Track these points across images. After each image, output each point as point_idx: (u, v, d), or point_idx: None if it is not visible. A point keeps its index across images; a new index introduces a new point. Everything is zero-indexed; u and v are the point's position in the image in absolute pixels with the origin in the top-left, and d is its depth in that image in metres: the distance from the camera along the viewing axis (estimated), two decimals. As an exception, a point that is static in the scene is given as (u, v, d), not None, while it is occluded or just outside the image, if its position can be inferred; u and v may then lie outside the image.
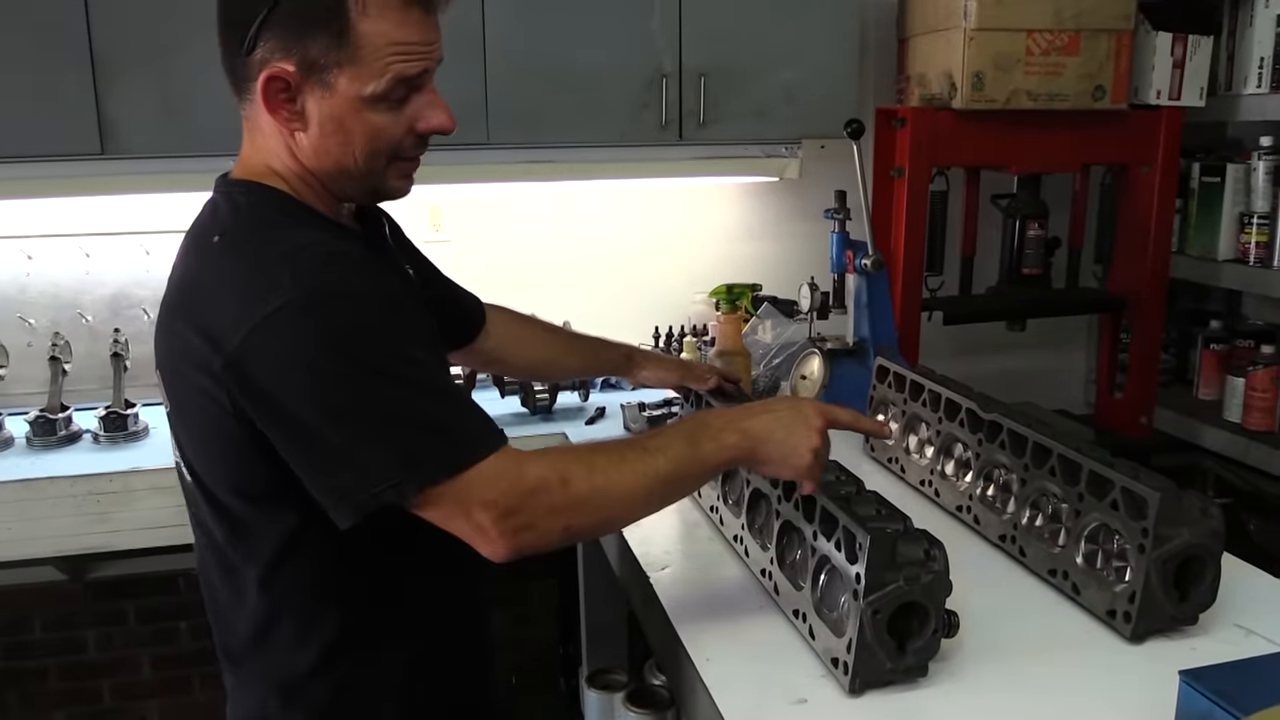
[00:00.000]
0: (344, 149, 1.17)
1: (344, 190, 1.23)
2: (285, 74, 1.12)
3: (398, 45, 1.13)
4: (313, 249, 1.12)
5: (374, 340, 1.08)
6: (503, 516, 1.10)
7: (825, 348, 2.26)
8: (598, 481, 1.15)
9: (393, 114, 1.17)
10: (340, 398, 1.06)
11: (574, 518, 1.15)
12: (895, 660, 1.19)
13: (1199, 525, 1.28)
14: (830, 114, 2.47)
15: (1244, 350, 2.93)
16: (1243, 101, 2.75)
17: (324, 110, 1.14)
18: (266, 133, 1.19)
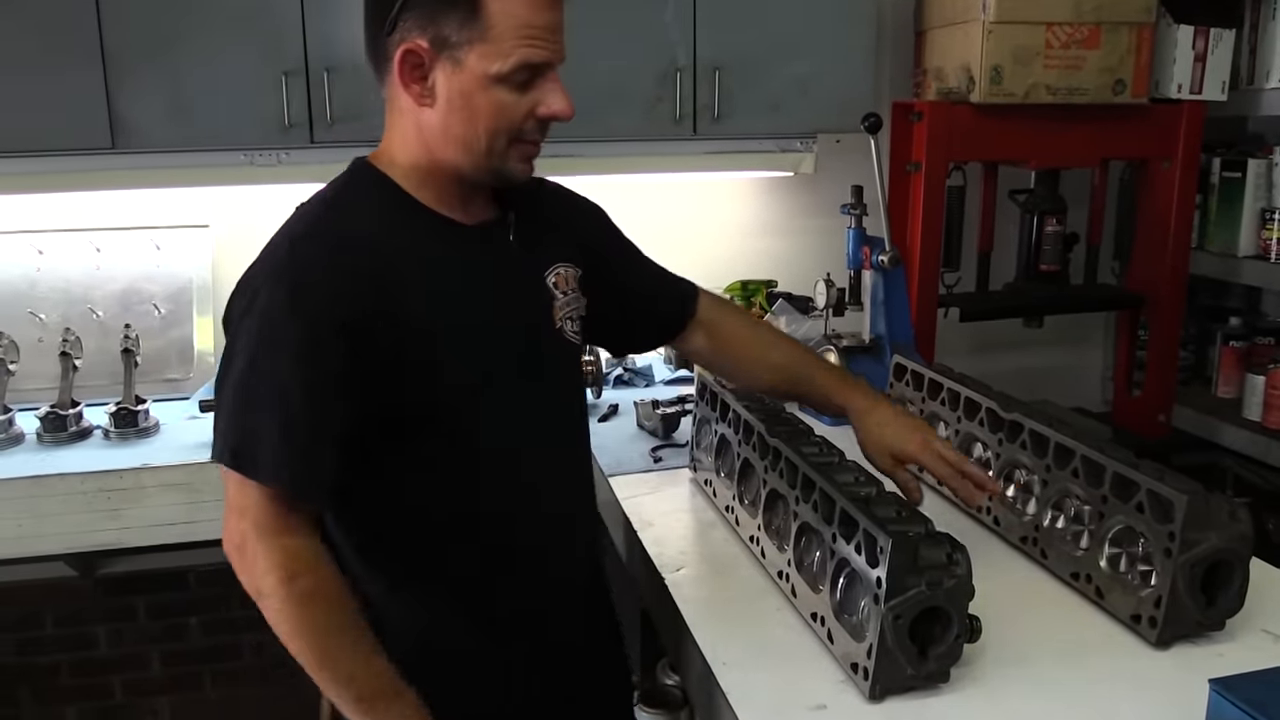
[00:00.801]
0: (468, 125, 1.23)
1: (467, 173, 1.27)
2: (419, 49, 1.20)
3: (525, 28, 1.20)
4: (318, 245, 1.22)
5: (281, 344, 1.17)
6: (241, 536, 1.19)
7: (841, 345, 2.24)
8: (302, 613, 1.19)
9: (516, 95, 1.23)
10: (234, 365, 1.19)
11: (265, 594, 1.19)
12: (917, 666, 1.16)
13: (1227, 529, 1.25)
14: (846, 108, 2.44)
15: (1264, 348, 2.89)
16: (1265, 96, 2.71)
17: (453, 86, 1.22)
18: (401, 113, 1.27)
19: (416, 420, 1.26)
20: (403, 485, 1.28)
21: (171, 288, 2.60)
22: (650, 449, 2.10)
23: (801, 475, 1.40)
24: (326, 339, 1.17)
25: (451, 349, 1.26)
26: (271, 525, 1.18)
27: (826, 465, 1.40)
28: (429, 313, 1.24)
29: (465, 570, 1.33)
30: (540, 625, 1.39)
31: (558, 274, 1.41)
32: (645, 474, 1.98)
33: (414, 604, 1.32)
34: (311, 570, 1.19)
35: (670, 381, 2.65)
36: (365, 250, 1.22)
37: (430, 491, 1.30)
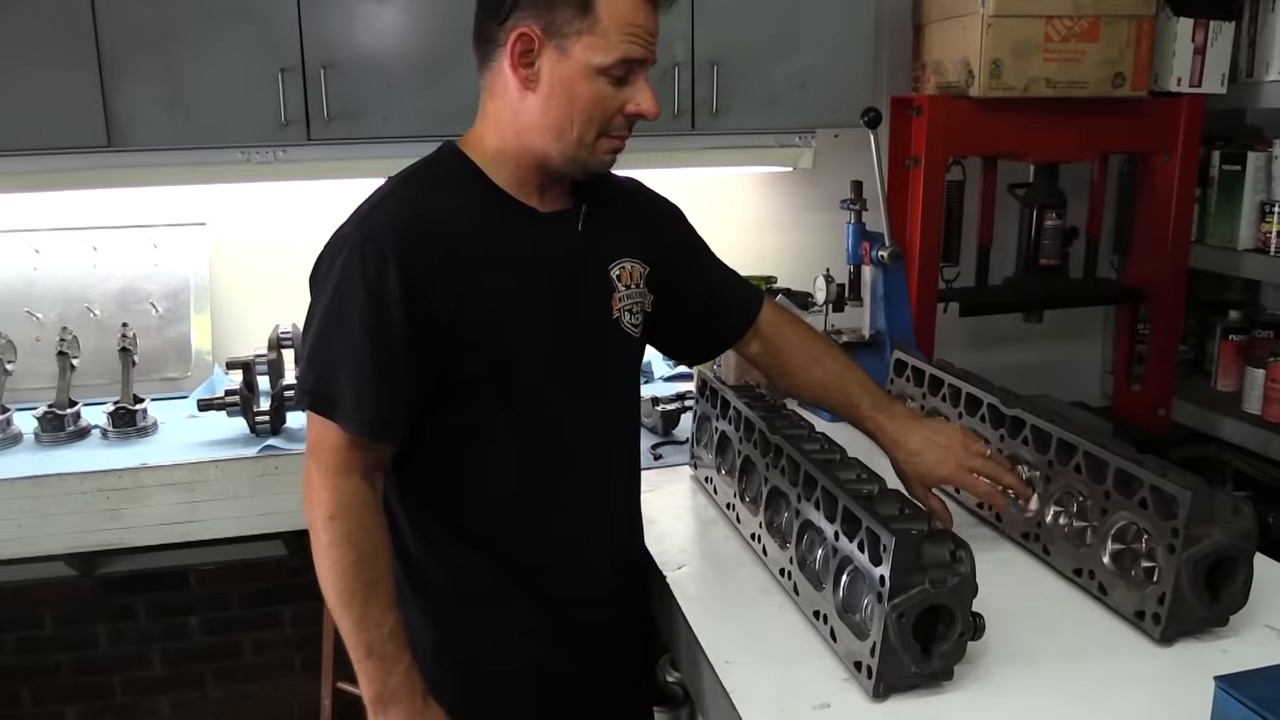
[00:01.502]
0: (564, 111, 1.31)
1: (553, 161, 1.35)
2: (533, 33, 1.29)
3: (629, 26, 1.29)
4: (398, 210, 1.32)
5: (357, 293, 1.26)
6: (312, 468, 1.30)
7: (841, 340, 2.23)
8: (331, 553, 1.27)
9: (612, 89, 1.32)
10: (317, 319, 1.30)
11: (311, 528, 1.29)
12: (920, 664, 1.16)
13: (1231, 525, 1.25)
14: (845, 102, 2.43)
15: (1264, 341, 2.89)
16: (1264, 88, 2.71)
17: (556, 73, 1.30)
18: (499, 97, 1.35)
19: (464, 390, 1.34)
20: (442, 454, 1.37)
21: (169, 286, 2.59)
22: (650, 446, 2.10)
23: (803, 473, 1.39)
24: (393, 298, 1.26)
25: (503, 325, 1.34)
26: (333, 464, 1.27)
27: (828, 462, 1.39)
28: (488, 289, 1.32)
29: (503, 542, 1.42)
30: (570, 601, 1.47)
31: (622, 268, 1.47)
32: (646, 471, 1.94)
33: (450, 567, 1.41)
34: (353, 516, 1.27)
35: (670, 378, 2.64)
36: (436, 224, 1.31)
37: (469, 462, 1.39)
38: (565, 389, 1.41)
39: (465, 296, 1.30)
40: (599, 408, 1.47)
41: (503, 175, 1.37)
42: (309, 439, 1.31)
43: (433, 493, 1.40)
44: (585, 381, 1.44)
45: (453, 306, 1.30)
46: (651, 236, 1.55)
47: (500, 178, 1.37)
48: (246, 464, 2.16)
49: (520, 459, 1.41)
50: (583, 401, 1.44)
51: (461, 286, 1.30)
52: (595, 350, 1.45)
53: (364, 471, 1.29)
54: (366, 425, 1.28)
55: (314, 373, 1.29)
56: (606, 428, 1.50)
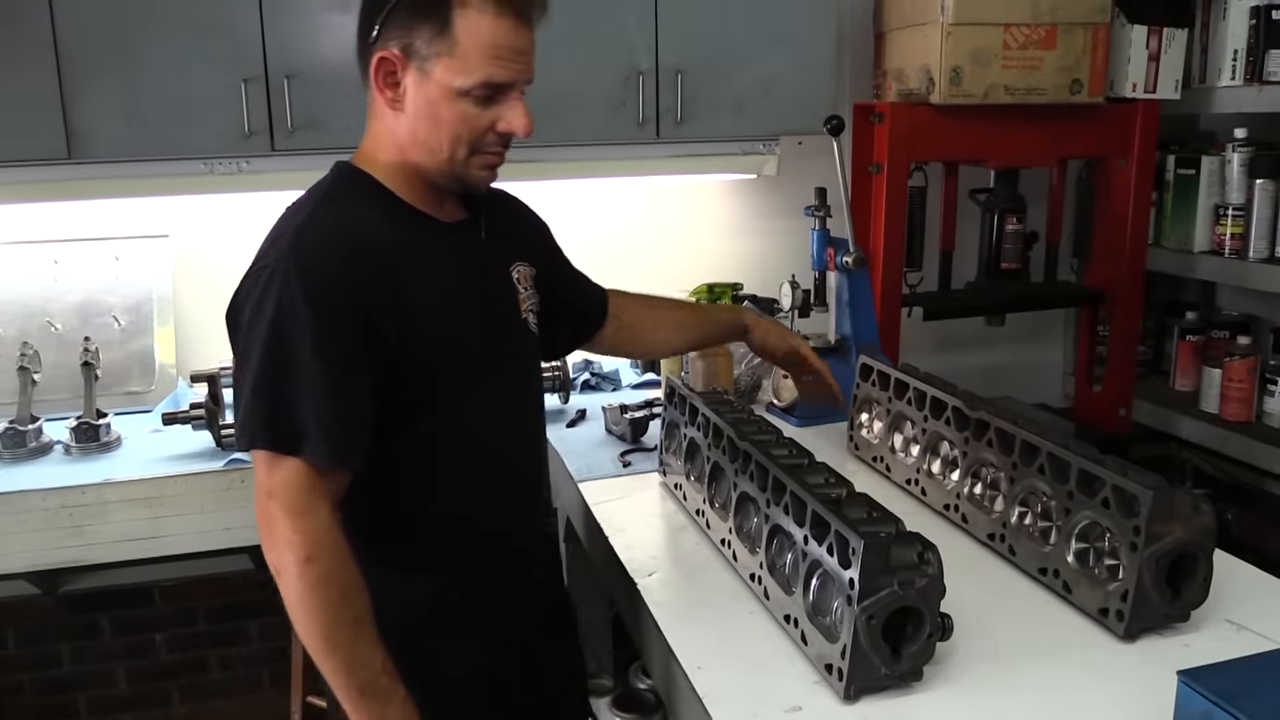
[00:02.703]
0: (432, 132, 1.32)
1: (432, 176, 1.36)
2: (392, 56, 1.29)
3: (491, 48, 1.28)
4: (325, 230, 1.29)
5: (301, 319, 1.22)
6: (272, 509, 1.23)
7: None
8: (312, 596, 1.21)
9: (478, 109, 1.31)
10: (257, 352, 1.24)
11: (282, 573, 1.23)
12: (890, 665, 1.17)
13: (1191, 522, 1.27)
14: (808, 110, 2.46)
15: (1220, 341, 2.95)
16: (1217, 94, 2.76)
17: (420, 94, 1.30)
18: (378, 117, 1.36)
19: (409, 407, 1.33)
20: (381, 473, 1.32)
21: (131, 299, 2.57)
22: (619, 454, 2.10)
23: (772, 478, 1.40)
24: (341, 318, 1.24)
25: (442, 340, 1.35)
26: (300, 503, 1.22)
27: (796, 467, 1.40)
28: (424, 304, 1.32)
29: (446, 555, 1.41)
30: (508, 605, 1.47)
31: (519, 271, 1.52)
32: (615, 479, 1.98)
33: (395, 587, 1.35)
34: (329, 555, 1.23)
35: (637, 385, 2.65)
36: (366, 238, 1.30)
37: (410, 478, 1.37)
38: (497, 396, 1.44)
39: (407, 313, 1.30)
40: (524, 411, 1.53)
41: (404, 190, 1.37)
42: (265, 482, 1.24)
43: (372, 513, 1.35)
44: (512, 387, 1.48)
45: (397, 324, 1.29)
46: (532, 240, 1.62)
47: (403, 192, 1.37)
48: (211, 478, 2.14)
49: (460, 471, 1.40)
50: (511, 407, 1.48)
51: (402, 303, 1.29)
52: (516, 354, 1.49)
53: (331, 504, 1.25)
54: (334, 454, 1.24)
55: (264, 410, 1.23)
56: (533, 430, 1.56)
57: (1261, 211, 2.65)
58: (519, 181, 2.69)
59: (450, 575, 1.42)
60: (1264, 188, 2.64)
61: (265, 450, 1.23)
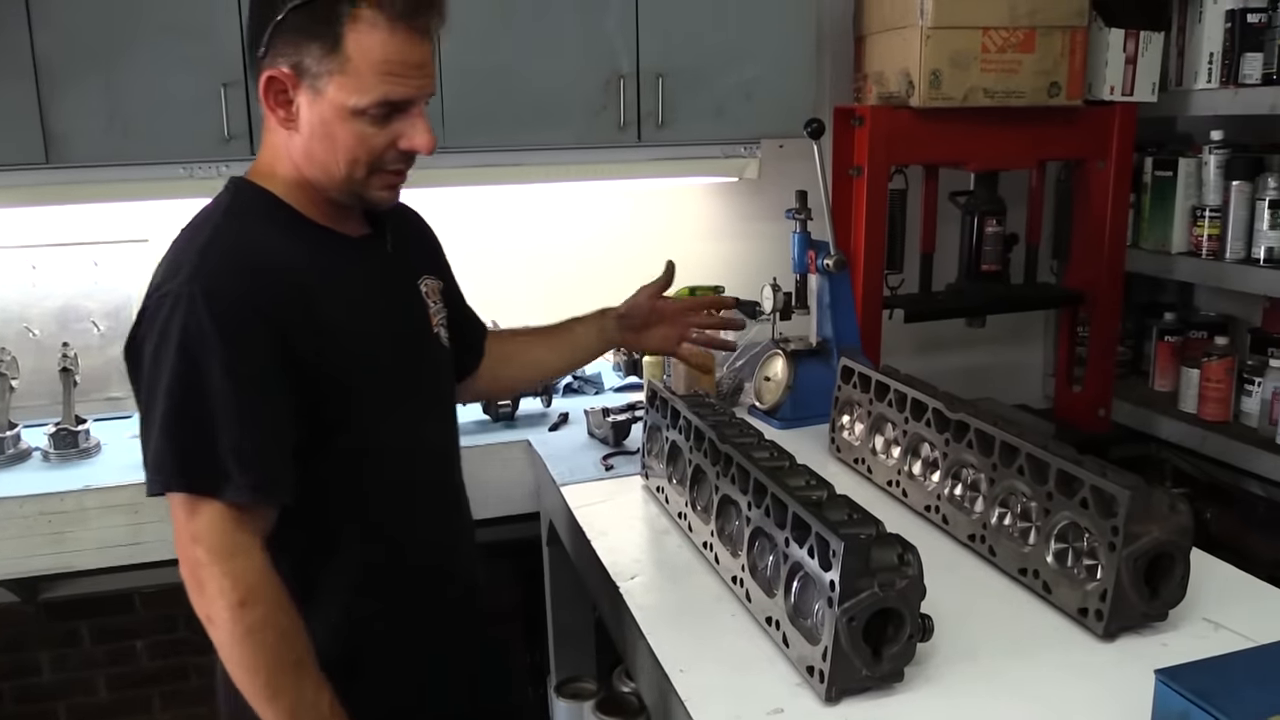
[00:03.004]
0: (328, 153, 1.26)
1: (331, 193, 1.30)
2: (282, 75, 1.23)
3: (385, 64, 1.21)
4: (230, 250, 1.23)
5: (210, 346, 1.16)
6: (198, 556, 1.16)
7: (789, 349, 2.26)
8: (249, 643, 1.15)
9: (375, 127, 1.25)
10: (164, 388, 1.17)
11: (214, 621, 1.16)
12: (871, 667, 1.18)
13: (1168, 522, 1.28)
14: (789, 113, 2.46)
15: (1198, 341, 2.97)
16: (1193, 96, 2.79)
17: (313, 113, 1.24)
18: (272, 132, 1.30)
19: (328, 430, 1.27)
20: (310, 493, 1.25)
21: (110, 305, 2.55)
22: (601, 457, 2.10)
23: (753, 480, 1.41)
24: (253, 339, 1.18)
25: (357, 359, 1.30)
26: (227, 546, 1.16)
27: (778, 470, 1.41)
28: (337, 323, 1.27)
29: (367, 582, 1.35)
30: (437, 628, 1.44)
31: (427, 284, 1.48)
32: (597, 482, 1.98)
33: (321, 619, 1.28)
34: (264, 598, 1.17)
35: (620, 389, 2.65)
36: (270, 256, 1.25)
37: (333, 504, 1.31)
38: (414, 414, 1.40)
39: (320, 332, 1.25)
40: (440, 428, 1.48)
41: (305, 205, 1.31)
42: (186, 527, 1.16)
43: (288, 541, 1.25)
44: (428, 402, 1.44)
45: (311, 343, 1.23)
46: (435, 253, 1.58)
47: (304, 208, 1.31)
48: (193, 483, 2.13)
49: (379, 491, 1.35)
50: (429, 423, 1.44)
51: (314, 322, 1.24)
52: (430, 369, 1.45)
53: (262, 543, 1.19)
54: (259, 490, 1.18)
55: (176, 450, 1.16)
56: (449, 446, 1.51)
57: (1237, 213, 2.67)
58: (497, 186, 2.71)
59: (373, 601, 1.35)
60: (1240, 189, 2.67)
61: (183, 494, 1.16)
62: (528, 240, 2.91)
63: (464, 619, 1.51)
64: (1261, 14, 2.61)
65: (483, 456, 2.25)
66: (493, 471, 2.25)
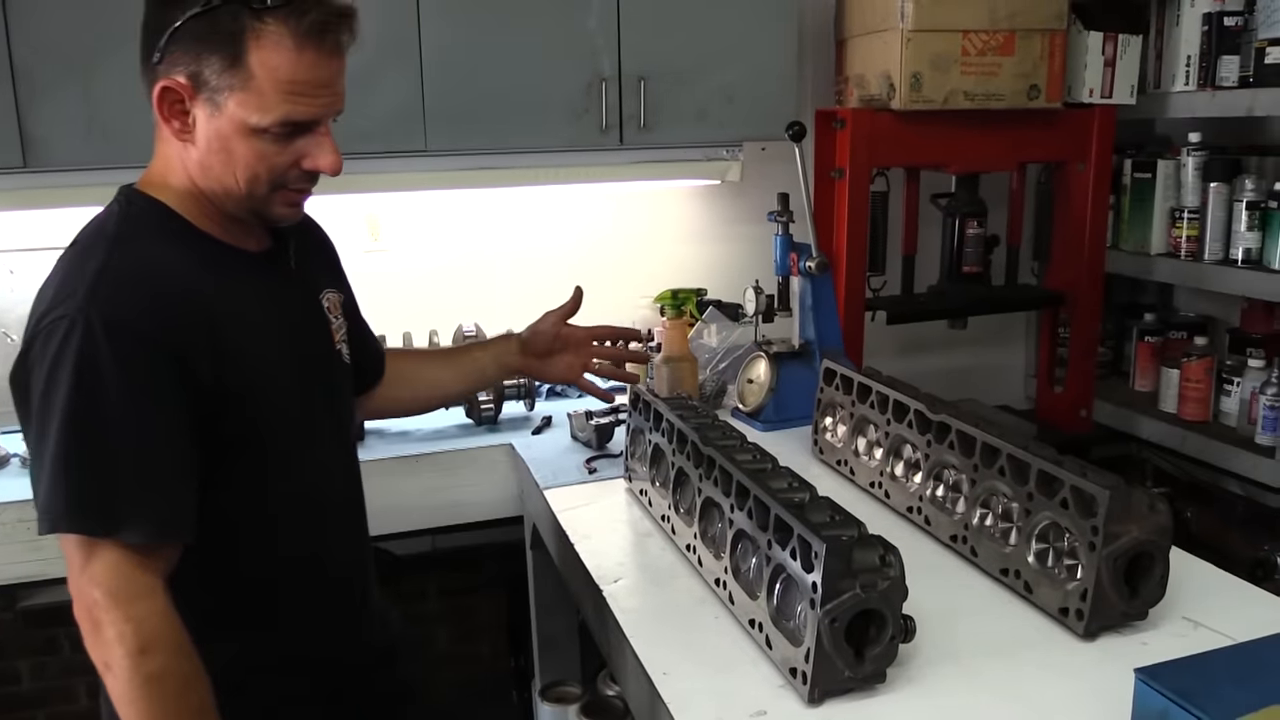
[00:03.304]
0: (226, 169, 1.20)
1: (229, 209, 1.24)
2: (178, 86, 1.17)
3: (289, 84, 1.16)
4: (127, 274, 1.15)
5: (107, 377, 1.10)
6: (93, 601, 1.09)
7: (771, 351, 2.26)
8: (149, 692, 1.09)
9: (278, 146, 1.20)
10: (56, 419, 1.10)
11: (112, 669, 1.10)
12: (854, 668, 1.18)
13: (1148, 521, 1.29)
14: (771, 116, 2.47)
15: (1177, 342, 2.99)
16: (1171, 99, 2.81)
17: (211, 128, 1.18)
18: (167, 140, 1.23)
19: (232, 458, 1.22)
20: (206, 533, 1.18)
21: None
22: (585, 460, 2.10)
23: (736, 483, 1.41)
24: (152, 368, 1.12)
25: (260, 381, 1.24)
26: (126, 590, 1.09)
27: (760, 472, 1.41)
28: (239, 345, 1.21)
29: (281, 609, 1.31)
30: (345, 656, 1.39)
31: (329, 299, 1.43)
32: (581, 485, 1.98)
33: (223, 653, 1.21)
34: (165, 645, 1.10)
35: (604, 391, 2.65)
36: (169, 277, 1.18)
37: (242, 534, 1.26)
38: (319, 434, 1.35)
39: (222, 356, 1.18)
40: (345, 445, 1.44)
41: (202, 219, 1.24)
42: (81, 570, 1.09)
43: (189, 575, 1.18)
44: (332, 422, 1.39)
45: (214, 372, 1.17)
46: (335, 263, 1.51)
47: (200, 221, 1.24)
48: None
49: (286, 516, 1.30)
50: (331, 444, 1.39)
51: (216, 346, 1.18)
52: (332, 387, 1.40)
53: (164, 584, 1.12)
54: (161, 529, 1.11)
55: (69, 489, 1.09)
56: (352, 467, 1.46)
57: (1215, 214, 2.70)
58: (479, 189, 2.71)
59: (282, 628, 1.31)
60: (1218, 191, 2.69)
61: (78, 535, 1.09)
62: (509, 244, 2.90)
63: (376, 644, 1.47)
64: (1238, 17, 2.64)
65: (466, 460, 2.25)
66: (476, 475, 2.25)
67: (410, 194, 2.70)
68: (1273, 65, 2.51)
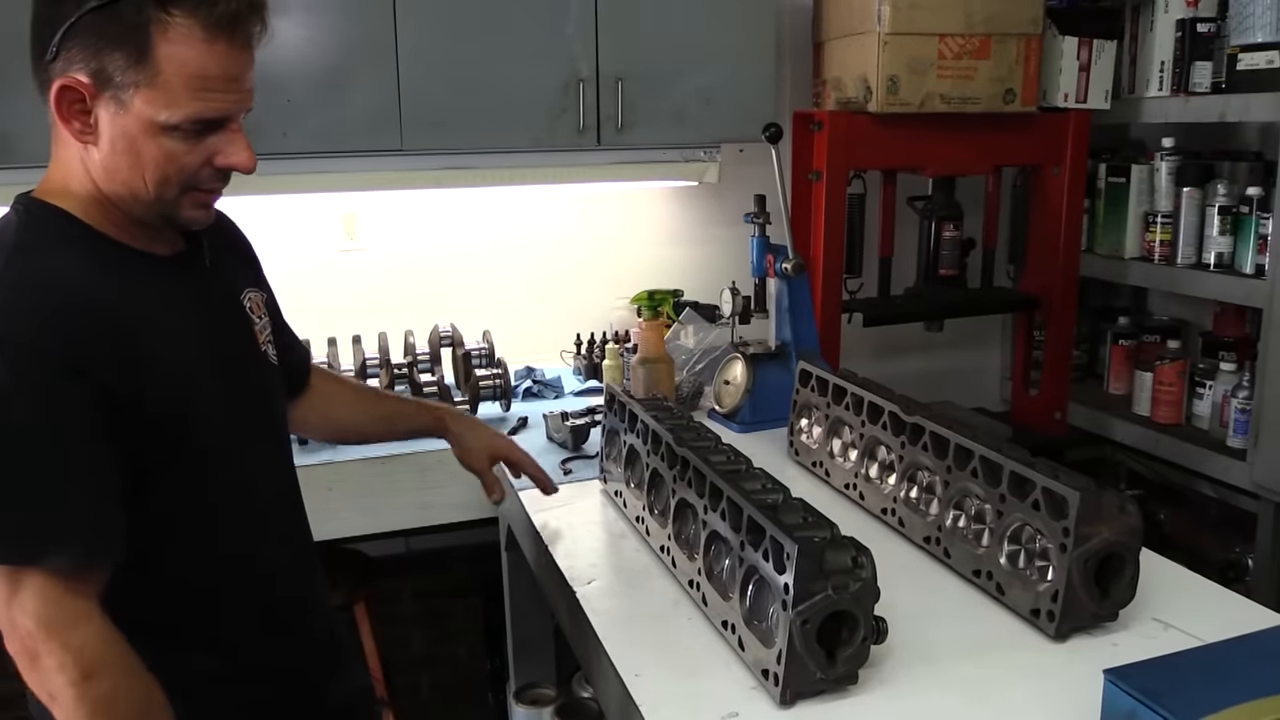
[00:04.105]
0: (133, 170, 1.14)
1: (136, 213, 1.18)
2: (79, 84, 1.10)
3: (199, 79, 1.11)
4: (28, 288, 1.09)
5: (12, 398, 1.05)
6: (25, 634, 1.06)
7: (748, 352, 2.26)
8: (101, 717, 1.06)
9: (187, 144, 1.14)
10: None
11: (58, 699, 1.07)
12: (826, 670, 1.18)
13: (1118, 523, 1.30)
14: (748, 118, 2.47)
15: (1151, 345, 3.01)
16: (1145, 104, 2.83)
17: (116, 127, 1.12)
18: (66, 144, 1.16)
19: (155, 472, 1.17)
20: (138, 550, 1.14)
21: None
22: (560, 461, 2.09)
23: (709, 484, 1.41)
24: (61, 388, 1.07)
25: (179, 391, 1.19)
26: (61, 617, 1.06)
27: (734, 473, 1.41)
28: (155, 355, 1.16)
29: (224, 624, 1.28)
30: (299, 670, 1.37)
31: (250, 298, 1.38)
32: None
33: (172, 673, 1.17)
34: (111, 667, 1.07)
35: (579, 393, 2.65)
36: (74, 289, 1.12)
37: (172, 549, 1.22)
38: (247, 439, 1.30)
39: (137, 365, 1.13)
40: (277, 450, 1.40)
41: (108, 225, 1.18)
42: (10, 603, 1.05)
43: (137, 590, 1.15)
44: (260, 426, 1.34)
45: (129, 386, 1.11)
46: (253, 263, 1.46)
47: (106, 228, 1.18)
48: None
49: (228, 522, 1.26)
50: (263, 447, 1.35)
51: (128, 357, 1.12)
52: (259, 390, 1.35)
53: (98, 605, 1.08)
54: (88, 550, 1.07)
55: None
56: (287, 468, 1.42)
57: (1188, 219, 2.72)
58: (456, 189, 2.70)
59: (227, 633, 1.28)
60: (1190, 195, 2.71)
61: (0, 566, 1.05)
62: (485, 243, 2.90)
63: (331, 652, 1.45)
64: (1211, 24, 2.66)
65: (441, 461, 2.24)
66: (450, 476, 2.23)
67: (387, 193, 2.69)
68: (1245, 71, 2.53)
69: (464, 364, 2.53)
